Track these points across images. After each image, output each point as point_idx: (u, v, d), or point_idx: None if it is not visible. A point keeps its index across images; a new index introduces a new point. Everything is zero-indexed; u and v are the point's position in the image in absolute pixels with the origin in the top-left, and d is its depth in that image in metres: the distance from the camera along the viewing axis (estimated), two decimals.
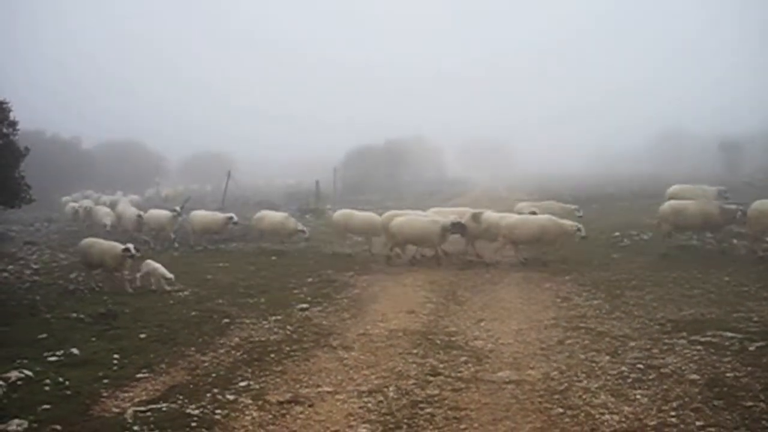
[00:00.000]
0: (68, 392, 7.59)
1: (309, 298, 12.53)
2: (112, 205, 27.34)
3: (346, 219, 19.01)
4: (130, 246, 13.92)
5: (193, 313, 11.46)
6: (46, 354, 8.94)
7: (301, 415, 6.90)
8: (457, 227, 16.12)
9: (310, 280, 14.46)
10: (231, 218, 20.38)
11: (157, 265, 13.74)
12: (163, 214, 21.54)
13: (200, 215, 21.22)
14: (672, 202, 17.73)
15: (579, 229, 15.75)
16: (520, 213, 18.37)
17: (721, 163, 49.02)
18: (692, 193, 20.25)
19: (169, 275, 13.57)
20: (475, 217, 16.73)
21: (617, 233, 19.32)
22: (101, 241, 14.68)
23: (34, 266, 16.88)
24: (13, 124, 13.52)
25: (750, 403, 6.71)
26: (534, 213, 17.89)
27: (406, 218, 16.99)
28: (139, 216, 21.50)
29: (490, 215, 16.93)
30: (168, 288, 13.40)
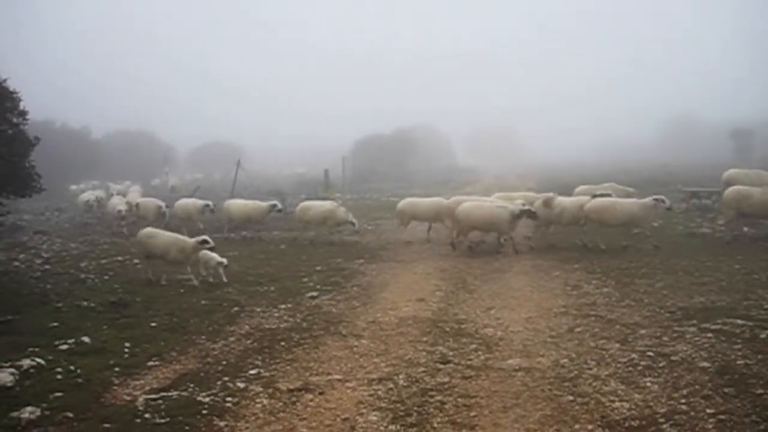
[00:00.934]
0: (80, 380, 7.64)
1: (319, 287, 12.55)
2: (121, 194, 27.45)
3: (412, 206, 18.63)
4: (207, 237, 13.57)
5: (204, 302, 11.52)
6: (57, 342, 9.00)
7: (311, 403, 6.92)
8: (527, 213, 15.89)
9: (319, 268, 14.49)
10: (275, 206, 19.75)
11: (213, 255, 13.47)
12: (191, 203, 21.44)
13: (240, 204, 20.60)
14: (737, 187, 16.73)
15: (663, 201, 15.70)
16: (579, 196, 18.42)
17: (731, 150, 48.73)
18: (749, 178, 19.52)
19: (221, 259, 13.41)
20: (547, 203, 16.49)
21: None
22: (162, 232, 14.19)
23: (45, 255, 16.99)
24: (23, 113, 13.56)
25: (761, 391, 6.68)
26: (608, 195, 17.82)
27: (473, 204, 16.57)
28: (160, 207, 21.35)
29: (563, 200, 16.79)
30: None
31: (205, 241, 13.26)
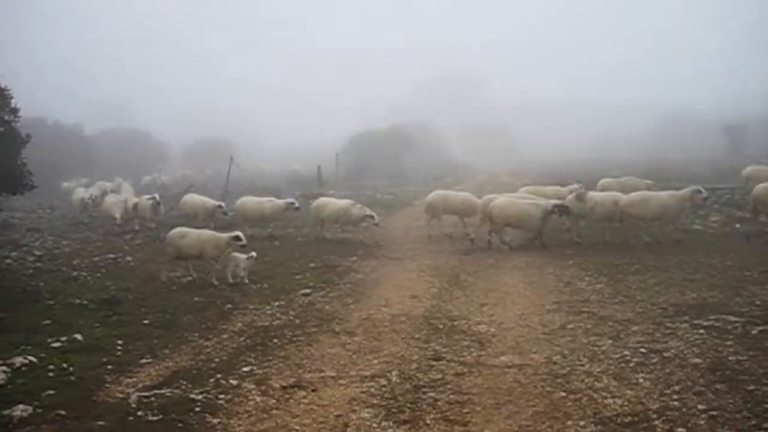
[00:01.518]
0: (72, 378, 7.63)
1: (312, 283, 12.54)
2: (115, 192, 27.21)
3: (443, 199, 18.50)
4: (240, 233, 13.18)
5: (196, 299, 11.50)
6: (49, 340, 8.99)
7: (304, 400, 6.93)
8: (560, 209, 15.88)
9: (312, 265, 14.46)
10: (292, 204, 19.16)
11: (242, 256, 13.06)
12: (199, 201, 21.02)
13: (254, 202, 19.90)
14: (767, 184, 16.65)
15: (700, 191, 15.62)
16: (604, 190, 18.59)
17: (723, 146, 48.95)
18: None
19: (249, 255, 13.07)
20: (580, 197, 16.45)
21: None
22: (193, 230, 13.72)
23: (38, 253, 16.90)
24: (14, 111, 13.50)
25: (752, 387, 6.72)
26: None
27: (506, 200, 16.50)
28: (153, 198, 21.10)
29: (594, 194, 16.77)
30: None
31: (237, 238, 12.89)
